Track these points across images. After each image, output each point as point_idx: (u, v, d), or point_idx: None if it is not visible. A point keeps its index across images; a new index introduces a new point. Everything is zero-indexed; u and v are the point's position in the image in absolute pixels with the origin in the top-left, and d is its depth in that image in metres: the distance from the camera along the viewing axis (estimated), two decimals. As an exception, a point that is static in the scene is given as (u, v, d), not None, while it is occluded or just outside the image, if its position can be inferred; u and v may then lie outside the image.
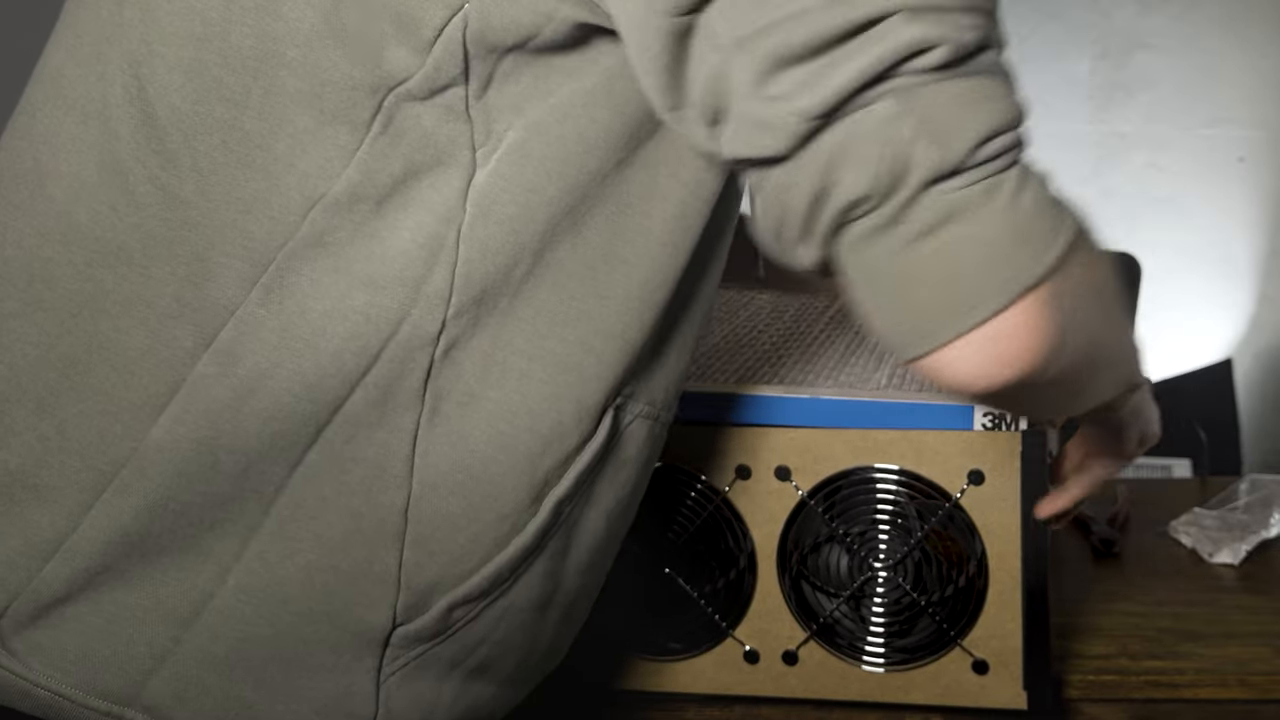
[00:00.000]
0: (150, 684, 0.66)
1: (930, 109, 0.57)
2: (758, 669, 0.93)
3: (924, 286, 0.58)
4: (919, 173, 0.57)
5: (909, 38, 0.56)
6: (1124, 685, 0.95)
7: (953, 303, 0.58)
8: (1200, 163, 3.17)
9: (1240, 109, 3.15)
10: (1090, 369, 0.69)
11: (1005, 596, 0.88)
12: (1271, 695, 0.94)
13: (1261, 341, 3.19)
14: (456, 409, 0.66)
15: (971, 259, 0.58)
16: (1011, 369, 0.59)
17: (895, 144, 0.57)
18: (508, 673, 0.74)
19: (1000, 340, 0.59)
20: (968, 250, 0.58)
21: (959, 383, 0.60)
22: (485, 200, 0.64)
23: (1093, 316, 0.64)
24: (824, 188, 0.58)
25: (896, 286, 0.59)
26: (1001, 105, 0.58)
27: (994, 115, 0.58)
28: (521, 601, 0.71)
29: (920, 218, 0.58)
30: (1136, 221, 3.12)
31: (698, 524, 0.93)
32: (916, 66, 0.56)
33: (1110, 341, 0.70)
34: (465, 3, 0.61)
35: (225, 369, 0.63)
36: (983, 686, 0.90)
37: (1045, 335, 0.59)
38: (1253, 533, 1.15)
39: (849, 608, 0.92)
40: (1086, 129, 3.15)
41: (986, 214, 0.58)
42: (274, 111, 0.63)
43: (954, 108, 0.57)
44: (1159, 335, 2.91)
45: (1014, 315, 0.58)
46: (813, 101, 0.57)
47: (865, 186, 0.57)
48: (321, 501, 0.65)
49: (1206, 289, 3.17)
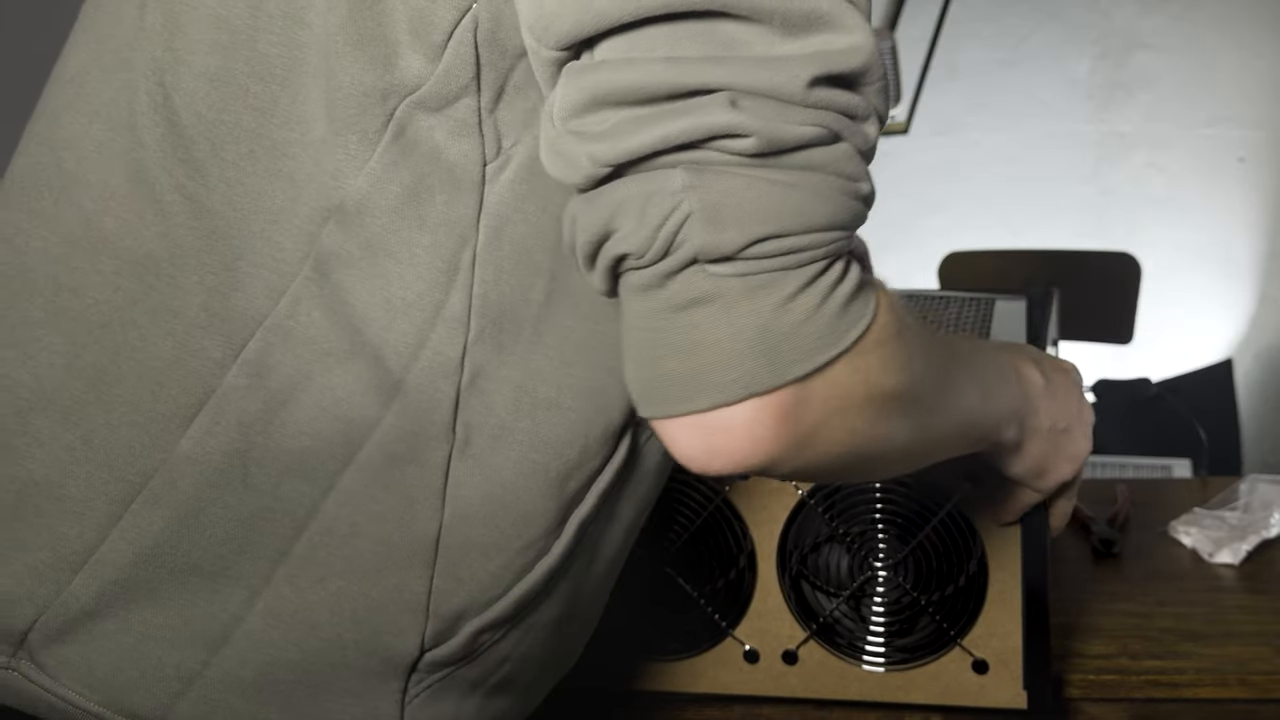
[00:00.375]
0: (178, 706, 0.65)
1: (719, 193, 0.56)
2: (757, 668, 0.93)
3: (666, 357, 0.58)
4: (687, 249, 0.56)
5: (723, 121, 0.55)
6: (1124, 685, 0.95)
7: (681, 382, 0.58)
8: (1200, 163, 3.18)
9: (1240, 109, 3.15)
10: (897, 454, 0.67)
11: (1005, 596, 0.88)
12: (1272, 695, 0.94)
13: (1262, 341, 3.19)
14: (489, 441, 0.65)
15: (711, 348, 0.57)
16: (723, 462, 0.59)
17: (674, 215, 0.56)
18: (526, 685, 0.74)
19: (715, 434, 0.58)
20: (710, 338, 0.57)
21: (677, 456, 0.60)
22: (497, 220, 0.63)
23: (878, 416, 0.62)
24: (605, 233, 0.58)
25: (646, 345, 0.59)
26: (805, 206, 0.57)
27: (786, 217, 0.56)
28: (544, 620, 0.71)
29: (680, 291, 0.57)
30: (1136, 221, 3.12)
31: (698, 524, 0.93)
32: (723, 147, 0.55)
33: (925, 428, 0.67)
34: (474, 2, 0.60)
35: (255, 381, 0.63)
36: (983, 686, 0.90)
37: (770, 439, 0.58)
38: (1253, 533, 1.15)
39: (849, 607, 0.92)
40: (1086, 129, 3.16)
41: (741, 310, 0.57)
42: (299, 121, 0.62)
43: (743, 198, 0.56)
44: (1159, 335, 2.91)
45: (733, 414, 0.58)
46: (612, 151, 0.56)
47: (638, 245, 0.57)
48: (353, 528, 0.64)
49: (1207, 289, 3.17)
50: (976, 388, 0.72)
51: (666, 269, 0.57)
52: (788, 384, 0.57)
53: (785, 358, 0.57)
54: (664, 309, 0.58)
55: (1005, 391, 0.75)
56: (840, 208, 0.58)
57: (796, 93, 0.56)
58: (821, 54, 0.57)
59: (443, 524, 0.65)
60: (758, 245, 0.56)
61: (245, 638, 0.65)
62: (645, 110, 0.56)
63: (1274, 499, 1.19)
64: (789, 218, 0.56)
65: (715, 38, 0.56)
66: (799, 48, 0.56)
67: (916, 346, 0.64)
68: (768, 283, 0.57)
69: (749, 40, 0.56)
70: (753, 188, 0.56)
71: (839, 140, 0.58)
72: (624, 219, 0.57)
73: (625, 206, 0.57)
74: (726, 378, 0.57)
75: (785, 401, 0.58)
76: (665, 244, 0.56)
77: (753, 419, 0.58)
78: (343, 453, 0.64)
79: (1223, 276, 3.19)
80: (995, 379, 0.74)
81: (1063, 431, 0.80)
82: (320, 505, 0.64)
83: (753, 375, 0.57)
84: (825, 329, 0.58)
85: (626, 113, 0.56)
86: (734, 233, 0.56)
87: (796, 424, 0.59)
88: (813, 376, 0.58)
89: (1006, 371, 0.76)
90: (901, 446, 0.65)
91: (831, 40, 0.57)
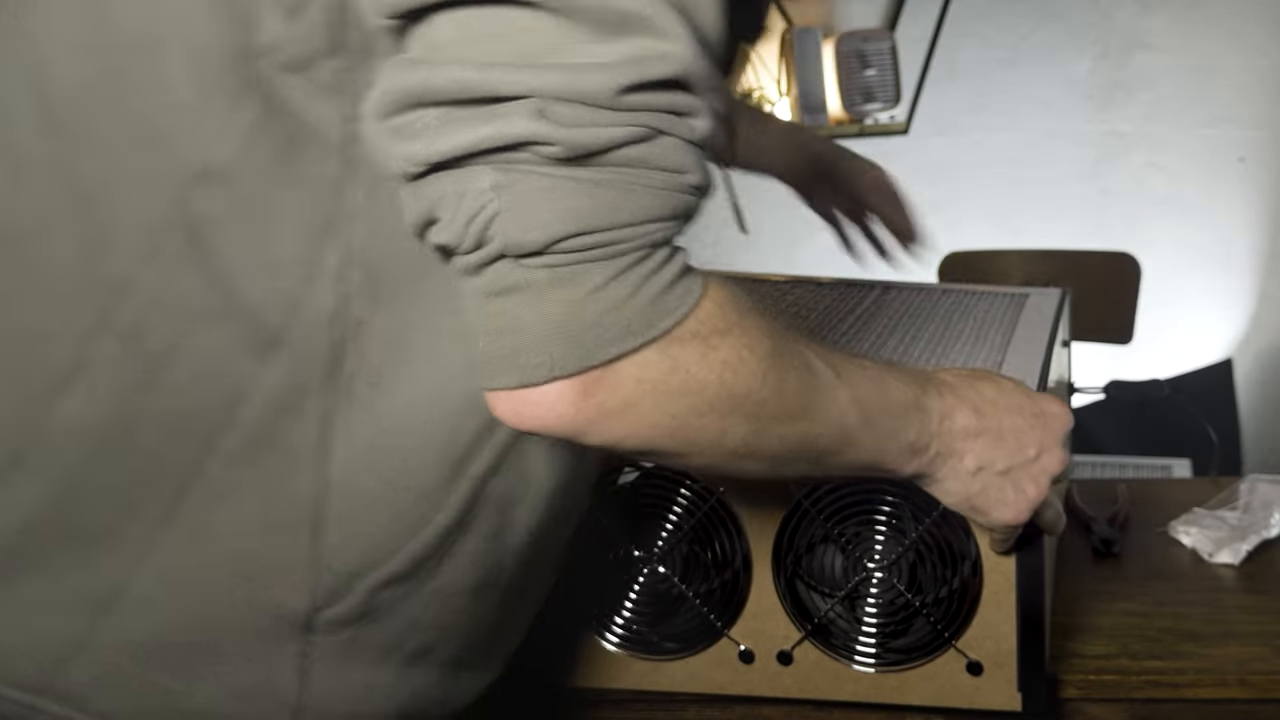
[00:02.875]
0: (67, 672, 0.66)
1: (523, 194, 0.59)
2: (753, 669, 0.93)
3: (483, 337, 0.63)
4: (496, 244, 0.60)
5: (527, 129, 0.58)
6: (1124, 685, 0.95)
7: (494, 361, 0.62)
8: (1200, 163, 3.17)
9: (1240, 109, 3.14)
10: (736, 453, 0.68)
11: (999, 598, 0.88)
12: (1271, 695, 0.93)
13: (1262, 341, 3.18)
14: (367, 389, 0.67)
15: (519, 333, 0.61)
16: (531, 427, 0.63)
17: (483, 213, 0.59)
18: (453, 657, 0.74)
19: (522, 406, 0.63)
20: (519, 324, 0.61)
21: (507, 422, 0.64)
22: (370, 176, 0.64)
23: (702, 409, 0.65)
24: (426, 221, 0.61)
25: (474, 324, 0.63)
26: (614, 203, 0.60)
27: (591, 215, 0.60)
28: (455, 584, 0.72)
29: (493, 280, 0.61)
30: (1136, 221, 3.11)
31: (693, 524, 0.92)
32: (531, 151, 0.59)
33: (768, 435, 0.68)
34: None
35: (131, 346, 0.64)
36: (977, 688, 0.89)
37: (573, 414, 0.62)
38: (1253, 533, 1.15)
39: (844, 608, 0.91)
40: (1086, 129, 3.15)
41: (549, 299, 0.61)
42: (164, 86, 0.63)
43: (547, 199, 0.59)
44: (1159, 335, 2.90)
45: (539, 392, 0.62)
46: (426, 151, 0.59)
47: (452, 237, 0.60)
48: (236, 486, 0.65)
49: (1207, 289, 3.17)
50: (856, 414, 0.72)
51: (479, 260, 0.61)
52: (591, 368, 0.61)
53: (590, 343, 0.61)
54: (480, 294, 0.62)
55: (895, 426, 0.74)
56: (656, 201, 0.61)
57: (605, 98, 0.58)
58: (635, 60, 0.58)
59: (329, 477, 0.66)
60: (564, 241, 0.60)
61: (133, 601, 0.66)
62: (458, 112, 0.58)
63: (1274, 499, 1.18)
64: (594, 216, 0.60)
65: (531, 38, 0.58)
66: (612, 51, 0.58)
67: (758, 350, 0.66)
68: (575, 275, 0.61)
69: (561, 41, 0.58)
70: (557, 189, 0.59)
71: (660, 135, 0.60)
72: (442, 211, 0.60)
73: (442, 201, 0.60)
74: (533, 360, 0.61)
75: (589, 382, 0.62)
76: (476, 238, 0.60)
77: (557, 397, 0.62)
78: (224, 412, 0.65)
79: (1223, 276, 3.18)
80: (882, 412, 0.74)
81: (1001, 474, 0.79)
82: (204, 465, 0.65)
83: (556, 359, 0.61)
84: (634, 317, 0.62)
85: (439, 113, 0.59)
86: (538, 232, 0.59)
87: (600, 404, 0.63)
88: (619, 361, 0.62)
89: (904, 408, 0.75)
90: (740, 447, 0.67)
91: (647, 46, 0.59)
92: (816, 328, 1.14)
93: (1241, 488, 1.22)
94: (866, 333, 1.13)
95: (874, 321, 1.17)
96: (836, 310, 1.21)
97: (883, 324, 1.16)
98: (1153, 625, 1.02)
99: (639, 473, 0.93)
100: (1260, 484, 1.21)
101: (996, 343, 1.08)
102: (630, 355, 0.62)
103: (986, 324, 1.16)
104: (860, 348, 1.07)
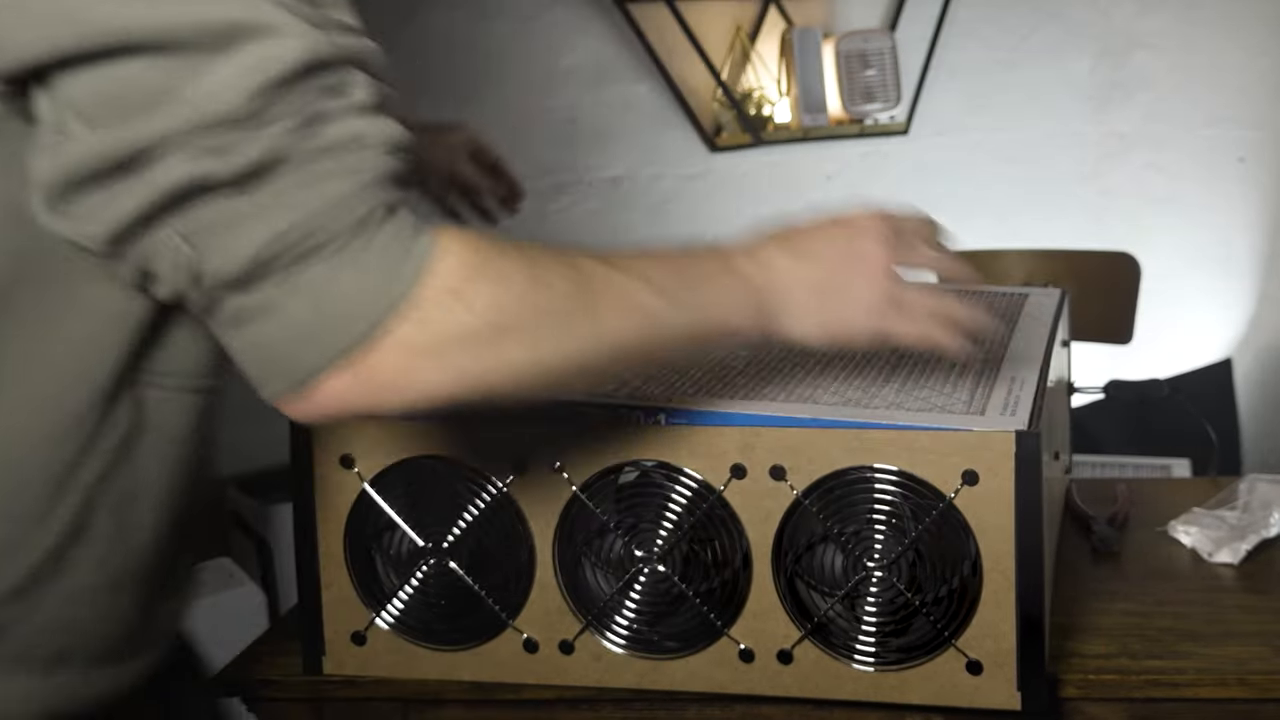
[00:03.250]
0: None
1: (209, 235, 0.63)
2: (753, 668, 0.93)
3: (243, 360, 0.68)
4: (208, 283, 0.64)
5: (179, 176, 0.61)
6: (1124, 684, 0.95)
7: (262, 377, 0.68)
8: (1200, 163, 3.17)
9: (1240, 109, 3.14)
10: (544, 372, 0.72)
11: (999, 597, 0.88)
12: (1271, 694, 0.93)
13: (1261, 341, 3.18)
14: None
15: (269, 348, 0.66)
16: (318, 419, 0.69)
17: (183, 264, 0.64)
18: (99, 653, 0.77)
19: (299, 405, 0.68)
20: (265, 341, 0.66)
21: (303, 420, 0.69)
22: None
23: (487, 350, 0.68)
24: (144, 283, 0.66)
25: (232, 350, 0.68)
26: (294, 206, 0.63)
27: (280, 224, 0.63)
28: (83, 585, 0.74)
29: (225, 315, 0.66)
30: (1136, 221, 3.11)
31: (692, 523, 0.92)
32: (194, 197, 0.62)
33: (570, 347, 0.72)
34: None
35: None
36: (977, 687, 0.89)
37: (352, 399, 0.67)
38: (1252, 532, 1.15)
39: (844, 607, 0.91)
40: (1086, 129, 3.15)
41: (281, 313, 0.65)
42: None
43: (232, 232, 0.63)
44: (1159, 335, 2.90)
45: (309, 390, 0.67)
46: (104, 231, 0.63)
47: (170, 291, 0.66)
48: None
49: (1206, 288, 3.17)
50: (652, 295, 0.76)
51: (203, 302, 0.66)
52: (350, 353, 0.66)
53: (337, 332, 0.65)
54: (224, 327, 0.67)
55: (711, 295, 0.80)
56: (345, 183, 0.64)
57: (243, 112, 0.61)
58: (254, 66, 0.60)
59: None
60: (270, 260, 0.63)
61: None
62: (116, 184, 0.61)
63: (1273, 498, 1.18)
64: (284, 222, 0.63)
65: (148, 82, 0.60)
66: (229, 66, 0.60)
67: (515, 277, 0.69)
68: (295, 281, 0.64)
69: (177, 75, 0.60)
70: (237, 216, 0.63)
71: (318, 121, 0.63)
72: (152, 269, 0.65)
73: (145, 264, 0.64)
74: (289, 368, 0.66)
75: (355, 366, 0.66)
76: (190, 284, 0.64)
77: (332, 388, 0.66)
78: None
79: (1222, 276, 3.18)
80: (686, 286, 0.78)
81: (838, 289, 0.84)
82: None
83: (314, 357, 0.65)
84: (372, 293, 0.65)
85: (97, 194, 0.62)
86: (241, 261, 0.63)
87: (375, 380, 0.67)
88: (374, 338, 0.65)
89: (713, 276, 0.80)
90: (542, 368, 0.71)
91: (261, 48, 0.61)
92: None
93: (1241, 487, 1.22)
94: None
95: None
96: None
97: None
98: (1152, 625, 1.02)
99: (639, 472, 0.93)
100: (1259, 483, 1.21)
101: (996, 343, 1.09)
102: (381, 328, 0.65)
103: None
104: (860, 348, 1.07)
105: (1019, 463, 0.86)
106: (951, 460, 0.87)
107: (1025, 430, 0.87)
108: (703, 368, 1.01)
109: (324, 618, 0.99)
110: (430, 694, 0.99)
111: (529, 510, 0.94)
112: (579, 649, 0.95)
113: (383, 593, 0.98)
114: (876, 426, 0.89)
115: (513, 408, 0.78)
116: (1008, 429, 0.87)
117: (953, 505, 0.88)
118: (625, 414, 0.92)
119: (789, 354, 1.05)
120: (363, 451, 0.96)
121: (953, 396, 0.94)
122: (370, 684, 0.99)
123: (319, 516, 0.97)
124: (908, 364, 1.02)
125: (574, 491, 0.93)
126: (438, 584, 0.97)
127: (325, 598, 0.98)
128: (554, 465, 0.93)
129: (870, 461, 0.89)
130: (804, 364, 1.02)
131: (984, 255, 2.44)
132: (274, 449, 1.07)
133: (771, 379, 0.98)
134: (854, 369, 1.01)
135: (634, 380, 0.96)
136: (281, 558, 2.06)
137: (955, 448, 0.87)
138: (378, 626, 0.98)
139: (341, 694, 1.00)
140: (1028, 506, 0.86)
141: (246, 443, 2.11)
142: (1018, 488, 0.86)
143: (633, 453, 0.92)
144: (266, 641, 1.08)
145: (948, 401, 0.93)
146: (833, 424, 0.89)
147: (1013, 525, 0.87)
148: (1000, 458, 0.87)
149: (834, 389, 0.96)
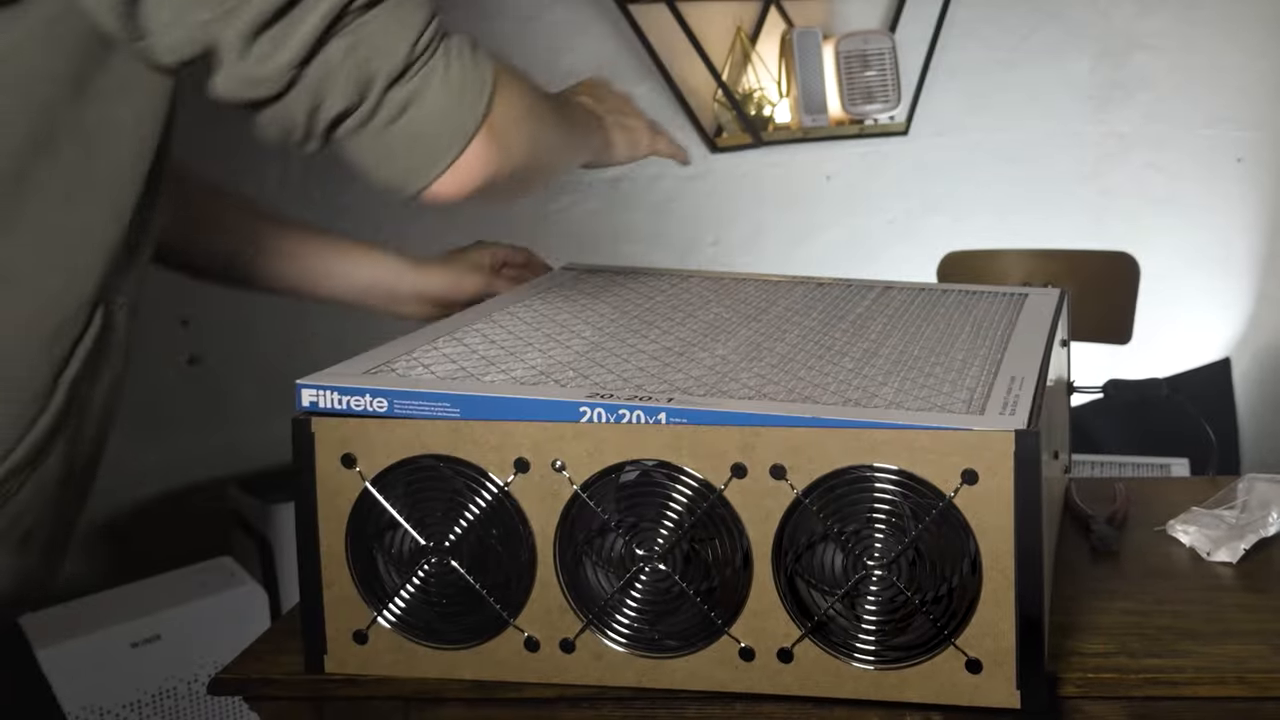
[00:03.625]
0: None
1: (372, 36, 0.82)
2: (753, 666, 0.93)
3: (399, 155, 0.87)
4: (380, 82, 0.83)
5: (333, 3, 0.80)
6: (1123, 683, 0.95)
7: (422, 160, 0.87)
8: (1200, 163, 3.17)
9: (1240, 109, 3.15)
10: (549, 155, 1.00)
11: (999, 596, 0.88)
12: (1270, 693, 0.93)
13: (1260, 341, 3.19)
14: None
15: (430, 129, 0.86)
16: (475, 183, 0.89)
17: (357, 68, 0.82)
18: (44, 543, 0.90)
19: (461, 170, 0.88)
20: (421, 127, 0.86)
21: (443, 200, 0.89)
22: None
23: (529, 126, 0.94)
24: (314, 107, 0.83)
25: (384, 157, 0.87)
26: (418, 12, 0.85)
27: (415, 22, 0.84)
28: (50, 476, 0.88)
29: (387, 112, 0.85)
30: (1136, 221, 3.11)
31: (693, 522, 0.92)
32: (352, 9, 0.81)
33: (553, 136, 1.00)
34: None
35: None
36: (976, 686, 0.89)
37: (492, 157, 0.89)
38: (1251, 531, 1.15)
39: (843, 606, 0.91)
40: (1086, 129, 3.15)
41: (430, 95, 0.85)
42: None
43: (387, 28, 0.83)
44: (1158, 334, 2.90)
45: (468, 154, 0.88)
46: (290, 56, 0.80)
47: (344, 104, 0.83)
48: None
49: (1205, 288, 3.17)
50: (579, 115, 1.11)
51: (371, 104, 0.84)
52: (482, 120, 0.88)
53: (471, 102, 0.87)
54: (382, 128, 0.85)
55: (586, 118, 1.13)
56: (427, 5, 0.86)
57: None
58: None
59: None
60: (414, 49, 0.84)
61: None
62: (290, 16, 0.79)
63: (1272, 497, 1.18)
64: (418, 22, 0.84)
65: None
66: None
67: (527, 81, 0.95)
68: (432, 69, 0.85)
69: None
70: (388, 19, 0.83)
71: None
72: (324, 93, 0.82)
73: (320, 85, 0.82)
74: (447, 143, 0.87)
75: (487, 130, 0.88)
76: (361, 90, 0.83)
77: (474, 153, 0.88)
78: None
79: (1221, 276, 3.18)
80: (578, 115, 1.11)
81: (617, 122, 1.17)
82: None
83: (462, 127, 0.87)
84: (477, 77, 0.88)
85: (279, 26, 0.79)
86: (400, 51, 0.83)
87: (498, 141, 0.89)
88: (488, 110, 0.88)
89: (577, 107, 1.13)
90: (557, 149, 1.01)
91: None
92: (817, 328, 1.15)
93: (1239, 486, 1.22)
94: (866, 332, 1.13)
95: (874, 321, 1.17)
96: (836, 310, 1.21)
97: (882, 324, 1.16)
98: (1151, 623, 1.02)
99: (639, 471, 0.93)
100: (1258, 483, 1.21)
101: (996, 342, 1.09)
102: (495, 98, 0.88)
103: (986, 324, 1.16)
104: (860, 348, 1.08)
105: (1018, 462, 0.87)
106: (951, 459, 0.87)
107: (1025, 429, 0.87)
108: (703, 367, 1.01)
109: (325, 617, 0.99)
110: (431, 693, 0.99)
111: (530, 509, 0.95)
112: (580, 648, 0.96)
113: (384, 592, 0.98)
114: (876, 426, 0.89)
115: None
116: (1007, 428, 0.87)
117: (952, 504, 0.88)
118: (625, 413, 0.92)
119: (789, 353, 1.05)
120: (364, 451, 0.96)
121: (952, 396, 0.94)
122: (371, 683, 0.99)
123: (320, 516, 0.98)
124: (908, 363, 1.03)
125: (575, 490, 0.93)
126: (439, 583, 0.97)
127: (327, 597, 0.99)
128: (555, 464, 0.93)
129: (870, 461, 0.89)
130: (804, 363, 1.03)
131: (984, 255, 2.44)
132: (275, 449, 1.08)
133: (772, 379, 0.99)
134: (854, 368, 1.02)
135: (634, 377, 0.97)
136: (283, 557, 2.07)
137: (955, 447, 0.87)
138: (379, 625, 0.98)
139: (343, 693, 1.00)
140: (1027, 506, 0.87)
141: (247, 443, 2.12)
142: (1017, 487, 0.87)
143: (633, 452, 0.92)
144: (268, 640, 1.08)
145: (947, 401, 0.93)
146: (833, 423, 0.90)
147: (1012, 524, 0.87)
148: (1000, 457, 0.87)
149: (834, 389, 0.96)
